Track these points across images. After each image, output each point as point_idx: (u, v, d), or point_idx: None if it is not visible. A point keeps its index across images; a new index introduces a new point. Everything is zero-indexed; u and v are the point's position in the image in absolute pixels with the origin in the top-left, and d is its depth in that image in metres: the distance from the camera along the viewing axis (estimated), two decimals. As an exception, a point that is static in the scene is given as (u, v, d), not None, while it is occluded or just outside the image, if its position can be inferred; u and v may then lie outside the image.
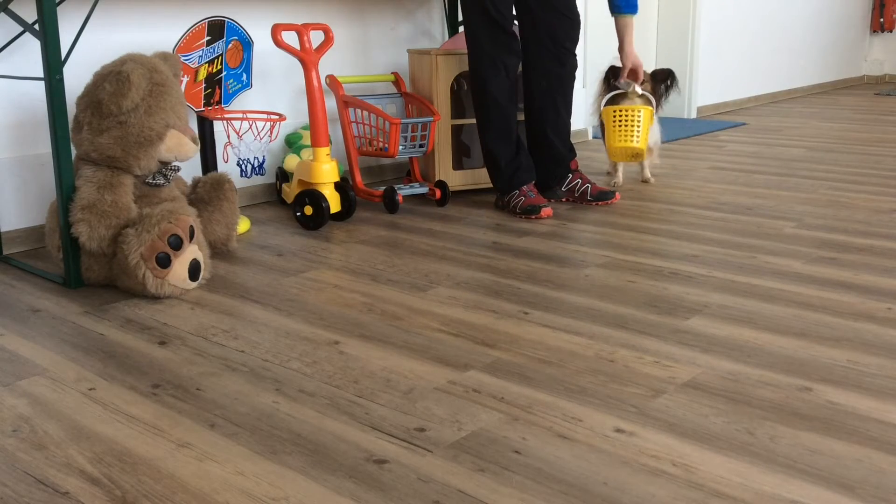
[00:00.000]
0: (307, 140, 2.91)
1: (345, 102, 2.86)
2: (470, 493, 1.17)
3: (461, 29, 3.49)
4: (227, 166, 2.84)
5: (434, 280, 2.10)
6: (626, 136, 2.97)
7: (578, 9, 2.79)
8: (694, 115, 5.04)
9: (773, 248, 2.30)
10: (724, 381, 1.50)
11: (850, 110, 5.35)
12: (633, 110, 2.96)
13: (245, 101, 2.84)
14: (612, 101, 3.09)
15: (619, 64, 3.16)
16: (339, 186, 2.65)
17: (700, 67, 5.03)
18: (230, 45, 2.60)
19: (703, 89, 5.12)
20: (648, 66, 5.04)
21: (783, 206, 2.80)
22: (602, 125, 3.07)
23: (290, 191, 2.75)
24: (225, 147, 2.73)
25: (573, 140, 4.22)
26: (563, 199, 2.90)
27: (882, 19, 7.00)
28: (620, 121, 2.98)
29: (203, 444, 1.32)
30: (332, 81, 2.90)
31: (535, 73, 2.77)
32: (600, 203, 2.84)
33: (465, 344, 1.69)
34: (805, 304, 1.88)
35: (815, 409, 1.39)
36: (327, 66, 3.09)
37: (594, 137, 4.36)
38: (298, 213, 2.60)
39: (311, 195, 2.56)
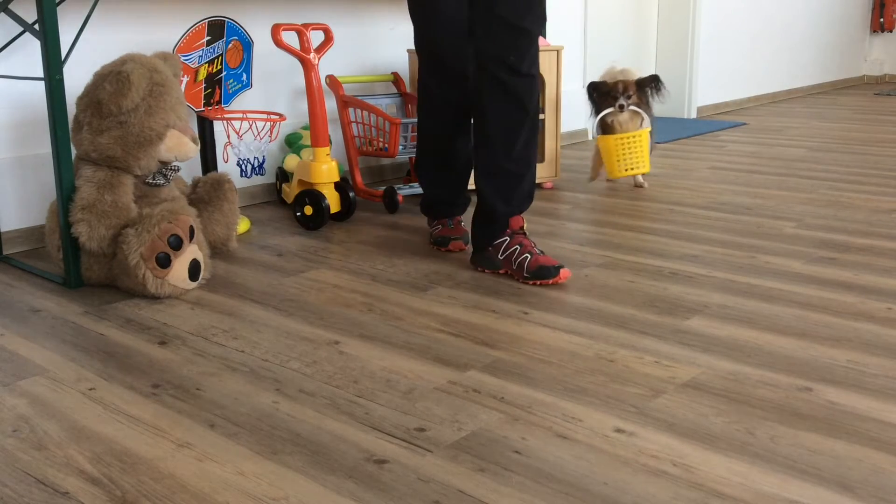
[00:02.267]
0: (307, 140, 2.91)
1: (345, 102, 2.86)
2: (470, 493, 1.17)
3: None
4: (227, 166, 2.84)
5: (434, 280, 2.10)
6: (632, 163, 2.97)
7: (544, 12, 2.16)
8: (694, 115, 5.04)
9: (773, 248, 2.30)
10: (724, 381, 1.50)
11: (850, 110, 5.35)
12: (634, 137, 2.95)
13: (245, 101, 2.84)
14: (603, 122, 3.03)
15: (599, 79, 3.09)
16: (339, 186, 2.65)
17: (700, 67, 5.03)
18: (230, 45, 2.60)
19: (703, 89, 5.12)
20: (648, 67, 5.04)
21: (783, 206, 2.80)
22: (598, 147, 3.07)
23: (290, 191, 2.76)
24: (225, 147, 2.73)
25: (572, 141, 4.23)
26: (501, 271, 2.13)
27: (882, 19, 7.00)
28: (624, 149, 2.96)
29: (203, 444, 1.32)
30: (332, 81, 2.90)
31: (474, 98, 2.14)
32: (538, 282, 2.03)
33: (465, 344, 1.69)
34: (805, 304, 1.88)
35: (815, 409, 1.39)
36: (327, 66, 3.09)
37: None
38: (298, 213, 2.60)
39: (311, 195, 2.56)
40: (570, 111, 4.13)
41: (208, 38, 2.52)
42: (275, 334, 1.77)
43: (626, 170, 2.97)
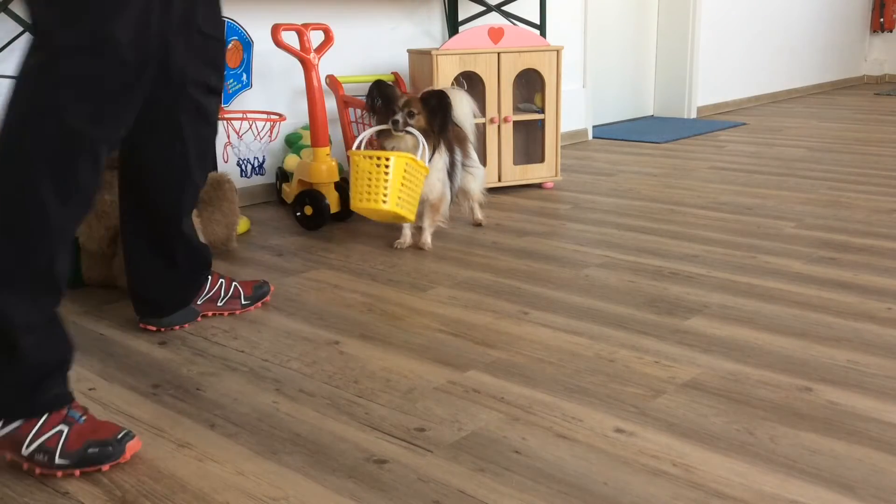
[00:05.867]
0: (307, 140, 2.91)
1: (345, 102, 2.86)
2: (470, 493, 1.17)
3: (461, 29, 3.49)
4: (227, 166, 2.84)
5: (434, 280, 2.10)
6: (368, 193, 2.16)
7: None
8: (694, 115, 5.04)
9: (773, 248, 2.30)
10: (724, 381, 1.50)
11: (850, 110, 5.35)
12: (378, 159, 2.14)
13: (245, 101, 2.84)
14: (380, 145, 2.31)
15: (388, 80, 2.50)
16: (339, 186, 2.65)
17: (700, 67, 5.03)
18: (230, 45, 2.60)
19: (703, 89, 5.12)
20: (648, 66, 5.04)
21: (783, 206, 2.80)
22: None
23: (290, 191, 2.75)
24: (225, 147, 2.73)
25: (572, 141, 4.23)
26: (199, 318, 1.84)
27: (882, 19, 7.00)
28: (364, 172, 2.17)
29: (203, 444, 1.32)
30: (332, 81, 2.90)
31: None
32: (257, 305, 1.92)
33: (465, 344, 1.69)
34: (805, 304, 1.88)
35: (815, 409, 1.39)
36: (327, 66, 3.09)
37: (595, 137, 4.36)
38: (298, 213, 2.60)
39: (311, 195, 2.56)
40: (570, 111, 4.13)
41: (208, 38, 2.52)
42: (275, 334, 1.77)
43: (362, 201, 2.17)
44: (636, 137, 4.28)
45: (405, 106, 2.25)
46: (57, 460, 1.23)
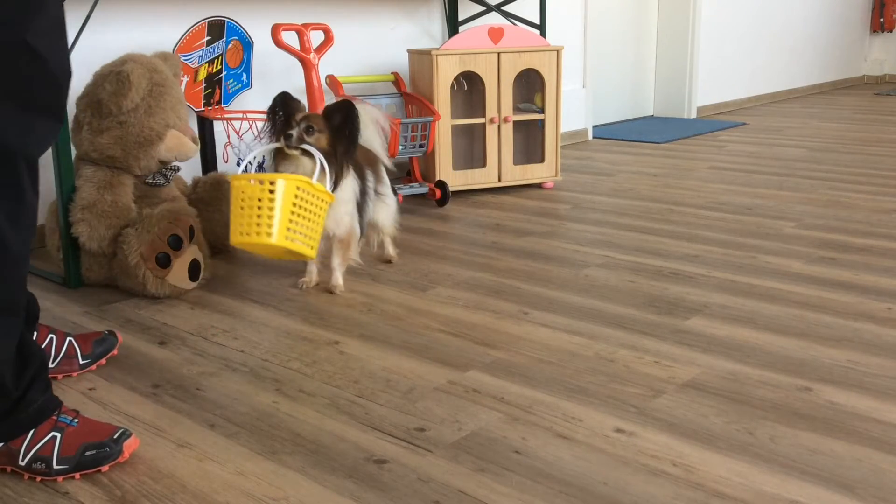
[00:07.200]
0: (307, 140, 2.90)
1: (345, 102, 2.86)
2: (470, 493, 1.17)
3: (461, 29, 3.49)
4: (227, 166, 2.84)
5: (434, 280, 2.10)
6: (249, 225, 1.79)
7: None
8: (694, 115, 5.04)
9: (773, 248, 2.30)
10: (724, 381, 1.50)
11: (850, 110, 5.35)
12: (262, 183, 1.78)
13: (245, 101, 2.84)
14: (279, 164, 1.94)
15: (294, 92, 2.04)
16: (339, 186, 2.64)
17: (700, 67, 5.03)
18: (230, 45, 2.61)
19: (703, 89, 5.12)
20: (648, 67, 5.04)
21: (783, 206, 2.80)
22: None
23: (290, 191, 2.75)
24: (225, 147, 2.73)
25: (572, 141, 4.23)
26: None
27: (882, 19, 7.00)
28: (246, 200, 1.80)
29: (203, 444, 1.32)
30: (332, 81, 2.90)
31: None
32: (101, 363, 1.61)
33: (465, 344, 1.69)
34: (805, 304, 1.88)
35: (815, 409, 1.39)
36: (327, 66, 3.09)
37: (595, 137, 4.36)
38: (298, 213, 2.59)
39: (311, 195, 2.56)
40: (570, 111, 4.14)
41: (208, 38, 2.53)
42: (275, 334, 1.77)
43: (240, 234, 1.80)
44: (636, 137, 4.28)
45: (303, 120, 1.89)
46: (55, 466, 1.23)
